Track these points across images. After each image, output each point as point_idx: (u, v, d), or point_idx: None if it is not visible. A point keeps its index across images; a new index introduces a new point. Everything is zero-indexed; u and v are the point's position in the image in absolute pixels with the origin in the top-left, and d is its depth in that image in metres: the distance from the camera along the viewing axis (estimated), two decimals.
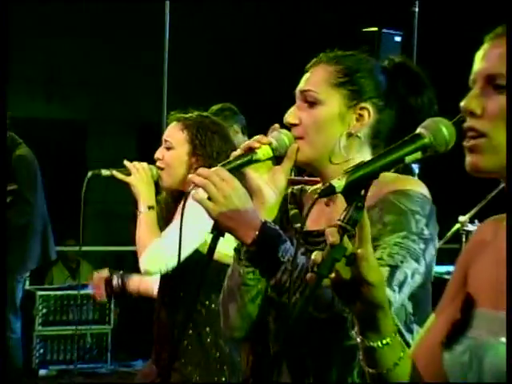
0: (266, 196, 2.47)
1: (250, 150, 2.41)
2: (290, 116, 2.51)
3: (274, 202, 2.48)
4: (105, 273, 4.49)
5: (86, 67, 10.61)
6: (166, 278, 4.03)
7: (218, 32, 10.95)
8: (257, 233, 2.35)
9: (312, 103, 2.50)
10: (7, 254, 6.74)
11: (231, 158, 2.44)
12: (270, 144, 2.44)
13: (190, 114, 4.09)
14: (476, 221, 5.71)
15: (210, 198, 2.38)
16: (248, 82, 10.54)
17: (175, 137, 4.02)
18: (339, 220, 1.75)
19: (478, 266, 1.95)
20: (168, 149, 4.00)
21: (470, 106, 1.81)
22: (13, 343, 7.31)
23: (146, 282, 4.29)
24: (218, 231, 2.37)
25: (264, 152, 2.43)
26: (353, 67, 2.55)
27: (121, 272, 4.47)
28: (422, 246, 2.36)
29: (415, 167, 6.78)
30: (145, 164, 4.08)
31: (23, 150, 7.32)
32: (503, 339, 1.75)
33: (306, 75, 2.58)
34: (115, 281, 4.42)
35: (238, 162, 2.39)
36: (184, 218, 3.50)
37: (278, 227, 2.41)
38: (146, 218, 4.09)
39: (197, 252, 3.82)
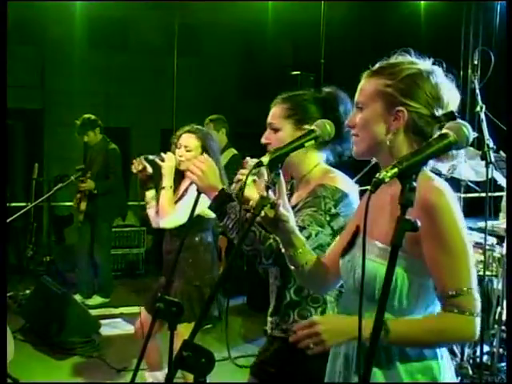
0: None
1: (239, 181, 2.39)
2: (263, 138, 2.55)
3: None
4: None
5: (128, 95, 11.15)
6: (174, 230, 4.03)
7: (212, 75, 11.48)
8: (216, 193, 2.47)
9: (275, 130, 2.53)
10: (105, 211, 7.18)
11: (232, 188, 2.45)
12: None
13: (196, 127, 4.10)
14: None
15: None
16: (231, 102, 10.88)
17: (192, 142, 4.01)
18: (265, 181, 1.85)
19: (362, 210, 1.90)
20: (188, 151, 3.99)
21: (348, 122, 1.95)
22: (106, 262, 7.41)
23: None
24: (198, 191, 2.48)
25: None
26: (297, 103, 2.55)
27: None
28: (328, 218, 2.36)
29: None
30: (173, 155, 4.01)
31: (112, 145, 7.31)
32: (371, 256, 1.81)
33: (271, 111, 2.58)
34: None
35: (238, 188, 2.38)
36: (190, 195, 3.77)
37: (231, 193, 2.48)
38: (166, 193, 3.99)
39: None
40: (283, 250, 2.01)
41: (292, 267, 2.03)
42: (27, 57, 10.24)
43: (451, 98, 1.88)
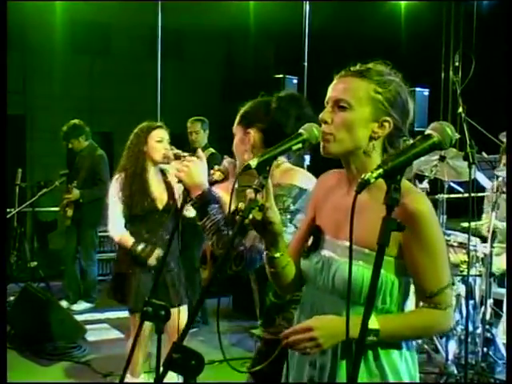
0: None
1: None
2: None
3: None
4: None
5: (111, 100, 11.24)
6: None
7: (195, 78, 11.46)
8: (200, 193, 2.45)
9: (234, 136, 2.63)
10: (91, 217, 7.07)
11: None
12: (219, 170, 2.53)
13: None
14: None
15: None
16: (214, 105, 10.88)
17: (166, 136, 4.15)
18: (254, 185, 1.84)
19: (324, 208, 2.03)
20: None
21: (324, 117, 1.90)
22: (92, 267, 7.39)
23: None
24: (185, 189, 2.48)
25: (217, 175, 2.51)
26: (246, 109, 2.63)
27: None
28: (288, 216, 2.39)
29: (307, 158, 6.77)
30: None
31: (100, 151, 7.26)
32: (344, 259, 1.85)
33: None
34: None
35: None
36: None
37: (216, 194, 2.48)
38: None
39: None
40: (265, 252, 2.01)
41: (271, 269, 2.04)
42: (9, 62, 10.16)
43: (412, 112, 1.95)
